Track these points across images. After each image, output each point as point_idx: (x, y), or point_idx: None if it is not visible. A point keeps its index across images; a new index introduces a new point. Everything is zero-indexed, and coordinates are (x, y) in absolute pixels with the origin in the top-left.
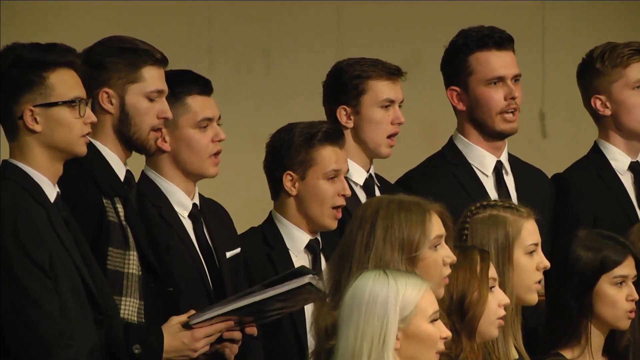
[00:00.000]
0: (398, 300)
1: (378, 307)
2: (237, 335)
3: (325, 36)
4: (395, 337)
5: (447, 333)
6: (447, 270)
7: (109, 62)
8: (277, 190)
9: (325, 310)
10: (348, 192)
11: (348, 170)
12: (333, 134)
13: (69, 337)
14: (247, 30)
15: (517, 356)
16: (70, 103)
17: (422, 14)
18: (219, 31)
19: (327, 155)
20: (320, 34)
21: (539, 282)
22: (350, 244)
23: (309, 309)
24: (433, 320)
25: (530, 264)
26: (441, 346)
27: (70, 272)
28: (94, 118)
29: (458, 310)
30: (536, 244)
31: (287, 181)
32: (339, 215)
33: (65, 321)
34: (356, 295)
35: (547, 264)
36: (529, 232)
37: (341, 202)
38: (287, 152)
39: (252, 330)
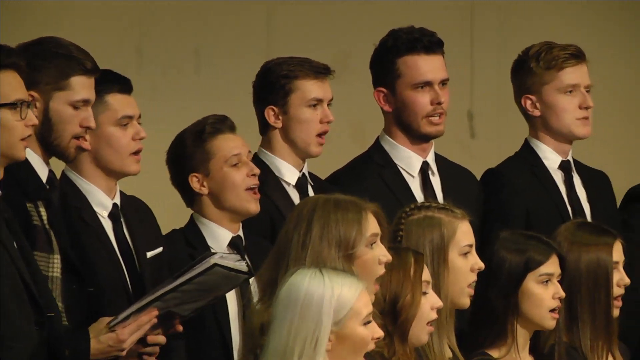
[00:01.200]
0: (333, 302)
1: (313, 308)
2: (161, 339)
3: (255, 37)
4: (328, 339)
5: (380, 334)
6: (382, 269)
7: (40, 65)
8: (189, 195)
9: (260, 308)
10: (257, 171)
11: (250, 151)
12: (220, 122)
13: (10, 339)
14: (177, 30)
15: (451, 355)
16: (12, 105)
17: (351, 14)
18: (148, 31)
19: (222, 143)
20: (250, 34)
21: (473, 283)
22: (286, 242)
23: (232, 307)
24: (366, 323)
25: (465, 265)
26: (372, 346)
27: (10, 273)
28: (35, 120)
29: (391, 313)
30: (471, 245)
31: (194, 183)
32: (257, 195)
33: (6, 323)
34: (292, 293)
35: (482, 265)
36: (464, 233)
37: (254, 182)
38: (186, 157)
39: (179, 328)
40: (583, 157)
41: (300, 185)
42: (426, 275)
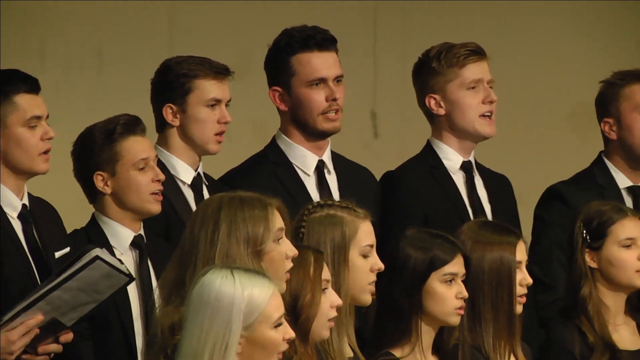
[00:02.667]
0: (242, 307)
1: (223, 312)
2: (53, 348)
3: (157, 36)
4: (238, 342)
5: (291, 334)
6: (290, 264)
7: None
8: (92, 192)
9: (170, 309)
10: (162, 177)
11: (156, 156)
12: (132, 123)
13: None
14: (79, 30)
15: (351, 354)
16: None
17: (254, 14)
18: (51, 31)
19: (132, 145)
20: (152, 34)
21: (373, 283)
22: (192, 242)
23: (135, 307)
24: (277, 325)
25: (365, 265)
26: (284, 347)
27: None
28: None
29: (291, 312)
30: (371, 246)
31: (98, 181)
32: (160, 197)
33: None
34: (203, 294)
35: (381, 265)
36: (365, 233)
37: (158, 187)
38: (93, 154)
39: (68, 337)
40: (485, 161)
41: (195, 184)
42: (326, 274)
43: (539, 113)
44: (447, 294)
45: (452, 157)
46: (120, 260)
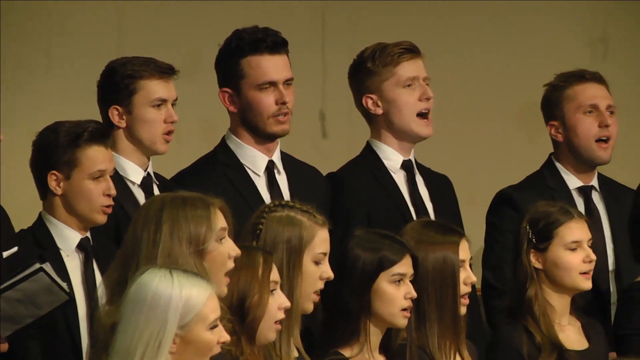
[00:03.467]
0: (179, 306)
1: (159, 310)
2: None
3: (106, 37)
4: (172, 342)
5: (226, 338)
6: (232, 264)
7: None
8: (44, 189)
9: (112, 308)
10: (113, 192)
11: (114, 169)
12: (100, 133)
13: None
14: (28, 29)
15: (297, 355)
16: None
17: (202, 14)
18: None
19: (93, 155)
20: (101, 34)
21: (318, 291)
22: (135, 242)
23: (81, 308)
24: (213, 327)
25: (315, 273)
26: (217, 350)
27: None
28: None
29: (238, 312)
30: (325, 254)
31: (51, 181)
32: (109, 210)
33: None
34: (140, 293)
35: (331, 275)
36: (321, 240)
37: (108, 201)
38: (53, 152)
39: (3, 347)
40: (432, 160)
41: (146, 184)
42: (274, 275)
43: (486, 112)
44: (395, 294)
45: (392, 157)
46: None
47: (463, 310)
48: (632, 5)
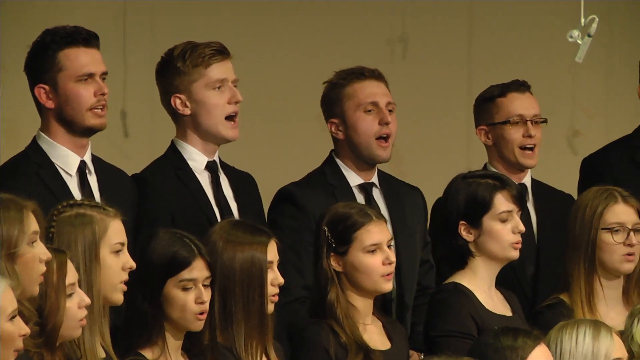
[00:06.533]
0: None
1: None
2: None
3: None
4: None
5: (25, 330)
6: (43, 268)
7: None
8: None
9: None
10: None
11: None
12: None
13: None
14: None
15: (104, 355)
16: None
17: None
18: None
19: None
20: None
21: (124, 282)
22: None
23: None
24: (12, 318)
25: (117, 264)
26: (20, 344)
27: None
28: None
29: (39, 320)
30: (122, 244)
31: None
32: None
33: None
34: None
35: (133, 264)
36: (116, 231)
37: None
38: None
39: None
40: (230, 159)
41: None
42: (71, 277)
43: (290, 112)
44: (185, 299)
45: (196, 158)
46: None
47: (270, 310)
48: (430, 5)
